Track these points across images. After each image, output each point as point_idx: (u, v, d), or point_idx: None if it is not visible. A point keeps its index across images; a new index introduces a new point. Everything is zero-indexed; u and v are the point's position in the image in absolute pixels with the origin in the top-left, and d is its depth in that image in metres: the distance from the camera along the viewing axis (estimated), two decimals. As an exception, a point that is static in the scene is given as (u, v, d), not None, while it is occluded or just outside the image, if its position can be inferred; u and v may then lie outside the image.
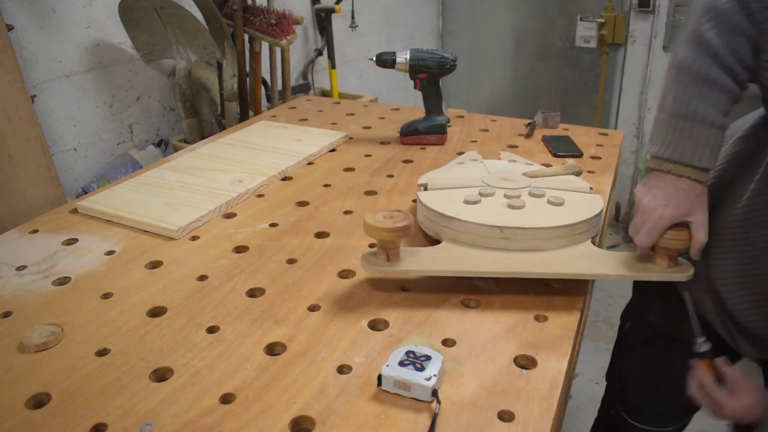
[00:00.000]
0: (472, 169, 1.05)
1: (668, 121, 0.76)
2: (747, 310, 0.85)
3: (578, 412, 1.50)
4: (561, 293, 0.82)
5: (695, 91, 0.74)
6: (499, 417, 0.62)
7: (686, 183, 0.77)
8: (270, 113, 1.65)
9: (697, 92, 0.74)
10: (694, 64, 0.73)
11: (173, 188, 1.13)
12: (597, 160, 1.27)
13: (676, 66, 0.76)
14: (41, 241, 0.99)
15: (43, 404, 0.64)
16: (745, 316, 0.86)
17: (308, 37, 2.45)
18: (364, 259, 0.82)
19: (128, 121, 1.82)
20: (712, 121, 0.74)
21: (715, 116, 0.74)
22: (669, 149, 0.76)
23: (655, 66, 2.78)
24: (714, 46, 0.72)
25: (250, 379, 0.67)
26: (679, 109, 0.75)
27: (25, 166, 1.38)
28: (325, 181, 1.19)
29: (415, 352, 0.67)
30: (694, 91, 0.74)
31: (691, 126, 0.74)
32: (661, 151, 0.77)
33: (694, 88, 0.74)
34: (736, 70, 0.72)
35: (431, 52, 1.31)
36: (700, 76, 0.73)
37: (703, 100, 0.74)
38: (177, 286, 0.85)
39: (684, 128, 0.75)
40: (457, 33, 3.33)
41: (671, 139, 0.76)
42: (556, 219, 0.85)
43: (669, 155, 0.76)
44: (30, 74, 1.54)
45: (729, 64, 0.72)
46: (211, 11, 1.75)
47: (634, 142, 2.96)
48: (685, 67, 0.74)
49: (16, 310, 0.81)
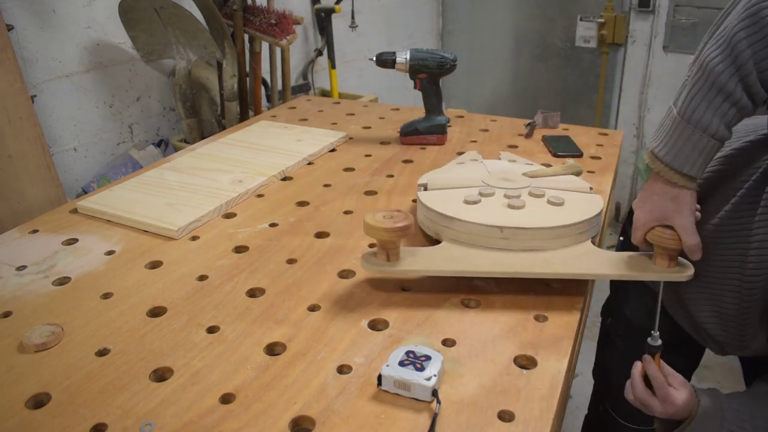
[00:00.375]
0: (472, 169, 1.05)
1: (674, 121, 0.76)
2: (709, 320, 0.87)
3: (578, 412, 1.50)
4: (561, 293, 0.82)
5: (708, 98, 0.72)
6: (499, 417, 0.62)
7: (665, 187, 0.78)
8: (270, 113, 1.65)
9: (709, 99, 0.72)
10: (716, 71, 0.71)
11: (173, 188, 1.13)
12: (597, 160, 1.27)
13: (700, 65, 0.73)
14: (41, 241, 0.99)
15: (43, 404, 0.64)
16: (707, 325, 0.88)
17: (308, 37, 2.45)
18: (364, 259, 0.82)
19: (128, 121, 1.82)
20: (713, 132, 0.73)
21: (718, 128, 0.72)
22: (664, 150, 0.76)
23: (655, 66, 2.78)
24: (742, 59, 0.69)
25: (250, 379, 0.67)
26: (687, 111, 0.74)
27: (25, 166, 1.38)
28: (325, 181, 1.19)
29: (415, 352, 0.67)
30: (706, 98, 0.72)
31: (691, 132, 0.74)
32: (657, 149, 0.77)
33: (707, 94, 0.72)
34: (756, 89, 0.70)
35: (431, 52, 1.31)
36: (718, 85, 0.71)
37: (711, 108, 0.72)
38: (177, 286, 0.85)
39: (684, 133, 0.74)
40: (457, 33, 3.33)
41: (670, 141, 0.76)
42: (556, 219, 0.85)
43: (663, 156, 0.76)
44: (30, 74, 1.54)
45: (751, 82, 0.70)
46: (211, 11, 1.75)
47: (634, 142, 2.96)
48: (705, 69, 0.72)
49: (16, 310, 0.81)
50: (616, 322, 1.14)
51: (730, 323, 0.84)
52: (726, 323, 0.85)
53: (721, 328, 0.86)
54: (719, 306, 0.84)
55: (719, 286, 0.83)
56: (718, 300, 0.84)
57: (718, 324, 0.86)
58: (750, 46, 0.68)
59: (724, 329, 0.86)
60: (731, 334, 0.85)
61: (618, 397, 1.15)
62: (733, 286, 0.81)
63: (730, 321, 0.84)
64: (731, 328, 0.85)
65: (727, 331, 0.86)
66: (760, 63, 0.69)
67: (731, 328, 0.85)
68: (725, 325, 0.85)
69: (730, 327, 0.85)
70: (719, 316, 0.85)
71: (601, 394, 1.23)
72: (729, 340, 0.87)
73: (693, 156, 0.74)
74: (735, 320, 0.83)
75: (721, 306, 0.84)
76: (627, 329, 1.10)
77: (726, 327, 0.86)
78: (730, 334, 0.86)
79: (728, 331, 0.86)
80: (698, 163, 0.75)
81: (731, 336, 0.86)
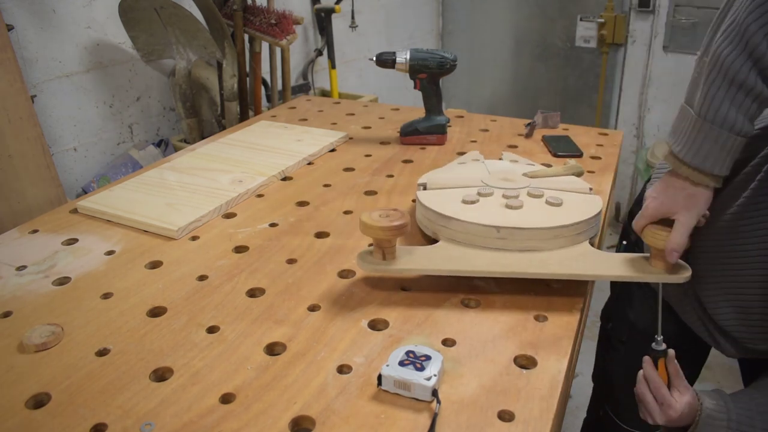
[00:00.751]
0: (472, 169, 1.05)
1: (694, 122, 0.73)
2: (728, 316, 0.86)
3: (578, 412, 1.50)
4: (561, 293, 0.82)
5: (728, 95, 0.70)
6: (499, 417, 0.62)
7: (684, 183, 0.76)
8: (270, 113, 1.65)
9: (729, 96, 0.70)
10: (733, 66, 0.68)
11: (173, 188, 1.13)
12: (597, 160, 1.27)
13: (714, 61, 0.70)
14: (41, 241, 0.99)
15: (43, 404, 0.64)
16: (725, 322, 0.86)
17: (308, 37, 2.45)
18: (360, 258, 0.82)
19: (128, 121, 1.82)
20: (739, 129, 0.71)
21: (743, 124, 0.70)
22: (690, 153, 0.74)
23: (655, 66, 2.78)
24: (759, 51, 0.67)
25: (250, 379, 0.67)
26: (708, 111, 0.71)
27: (25, 166, 1.38)
28: (325, 181, 1.19)
29: (415, 352, 0.67)
30: (726, 95, 0.70)
31: (717, 132, 0.71)
32: (683, 153, 0.74)
33: (727, 91, 0.70)
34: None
35: (431, 52, 1.31)
36: (737, 80, 0.69)
37: (734, 105, 0.70)
38: (177, 286, 0.85)
39: (710, 133, 0.72)
40: (457, 33, 3.33)
41: (695, 143, 0.73)
42: (554, 219, 0.85)
43: (690, 160, 0.74)
44: (30, 74, 1.54)
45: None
46: (211, 11, 1.75)
47: (634, 142, 2.96)
48: (721, 65, 0.69)
49: (16, 310, 0.81)
50: (618, 326, 1.13)
51: (753, 316, 0.82)
52: (748, 317, 0.83)
53: (741, 323, 0.84)
54: (741, 298, 0.82)
55: (741, 277, 0.81)
56: (739, 292, 0.82)
57: (738, 318, 0.84)
58: (765, 36, 0.66)
59: (745, 324, 0.84)
60: (754, 327, 0.83)
61: (620, 401, 1.15)
62: (756, 276, 0.79)
63: (752, 313, 0.82)
64: (754, 322, 0.82)
65: (749, 325, 0.83)
66: None
67: (754, 321, 0.82)
68: (747, 319, 0.83)
69: (753, 320, 0.82)
70: (741, 310, 0.83)
71: (602, 397, 1.22)
72: (751, 335, 0.85)
73: (722, 156, 0.73)
74: (759, 311, 0.81)
75: (742, 298, 0.82)
76: (631, 333, 1.09)
77: (747, 321, 0.83)
78: (752, 329, 0.84)
79: (750, 325, 0.83)
80: (727, 161, 0.73)
81: (753, 330, 0.83)
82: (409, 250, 0.84)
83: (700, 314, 0.91)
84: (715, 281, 0.85)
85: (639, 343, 0.91)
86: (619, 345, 1.13)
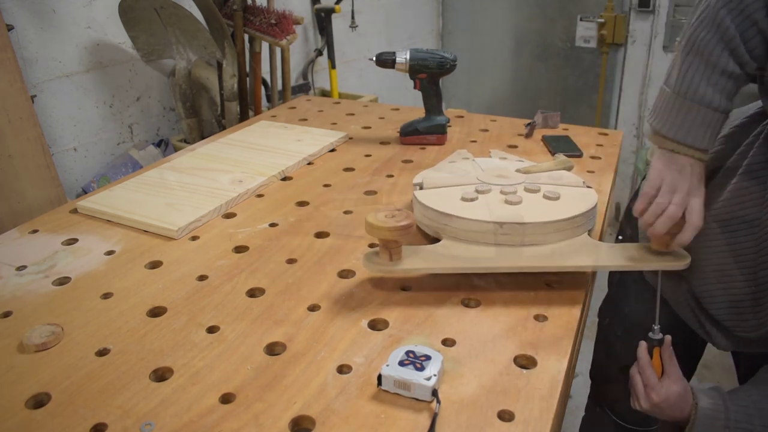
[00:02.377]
0: (465, 167, 1.06)
1: (672, 99, 0.77)
2: (720, 306, 0.86)
3: (578, 412, 1.50)
4: (561, 293, 0.82)
5: (703, 74, 0.75)
6: (499, 417, 0.62)
7: (686, 160, 0.78)
8: (270, 113, 1.65)
9: (705, 75, 0.75)
10: (707, 48, 0.74)
11: (173, 188, 1.13)
12: (597, 160, 1.27)
13: (688, 43, 0.76)
14: (41, 241, 0.99)
15: (43, 404, 0.64)
16: (717, 311, 0.87)
17: (308, 37, 2.45)
18: (366, 259, 0.82)
19: (128, 121, 1.82)
20: (717, 106, 0.75)
21: (720, 101, 0.75)
22: (672, 128, 0.77)
23: (655, 66, 2.78)
24: (729, 34, 0.72)
25: (250, 379, 0.67)
26: (687, 89, 0.76)
27: (25, 166, 1.38)
28: (325, 181, 1.19)
29: (415, 351, 0.67)
30: (701, 74, 0.75)
31: (696, 108, 0.76)
32: (665, 129, 0.78)
33: (702, 70, 0.75)
34: (746, 59, 0.73)
35: (431, 52, 1.31)
36: (711, 61, 0.74)
37: (710, 84, 0.75)
38: (177, 286, 0.85)
39: (689, 109, 0.76)
40: (457, 33, 3.33)
41: (674, 118, 0.77)
42: (555, 213, 0.86)
43: (673, 135, 0.78)
44: (30, 74, 1.54)
45: (740, 53, 0.73)
46: (211, 11, 1.75)
47: (634, 142, 2.96)
48: (697, 48, 0.75)
49: (16, 310, 0.81)
50: (614, 322, 1.14)
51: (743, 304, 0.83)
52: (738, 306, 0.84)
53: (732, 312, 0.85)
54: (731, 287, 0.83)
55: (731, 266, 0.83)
56: (729, 281, 0.83)
57: (729, 308, 0.85)
58: (732, 20, 0.72)
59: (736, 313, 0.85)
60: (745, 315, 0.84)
61: (616, 397, 1.15)
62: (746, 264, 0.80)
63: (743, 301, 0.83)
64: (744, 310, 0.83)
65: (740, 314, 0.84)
66: (743, 34, 0.72)
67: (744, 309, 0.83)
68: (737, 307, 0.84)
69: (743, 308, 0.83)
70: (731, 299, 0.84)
71: (599, 395, 1.22)
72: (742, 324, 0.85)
73: (701, 130, 0.76)
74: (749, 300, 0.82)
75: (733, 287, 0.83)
76: (626, 328, 1.10)
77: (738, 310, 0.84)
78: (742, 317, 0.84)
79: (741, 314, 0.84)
80: (707, 135, 0.77)
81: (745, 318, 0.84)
82: (414, 250, 0.84)
83: (693, 306, 0.91)
84: (707, 272, 0.86)
85: (633, 337, 0.92)
86: (615, 340, 1.13)
